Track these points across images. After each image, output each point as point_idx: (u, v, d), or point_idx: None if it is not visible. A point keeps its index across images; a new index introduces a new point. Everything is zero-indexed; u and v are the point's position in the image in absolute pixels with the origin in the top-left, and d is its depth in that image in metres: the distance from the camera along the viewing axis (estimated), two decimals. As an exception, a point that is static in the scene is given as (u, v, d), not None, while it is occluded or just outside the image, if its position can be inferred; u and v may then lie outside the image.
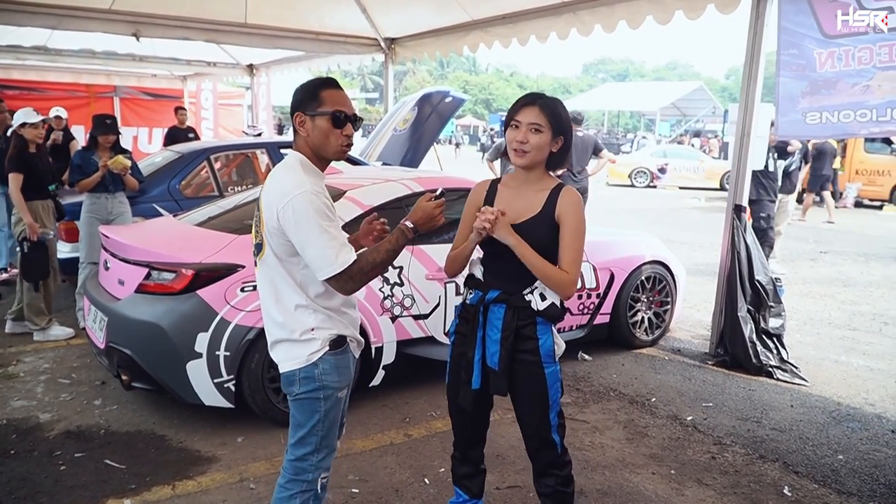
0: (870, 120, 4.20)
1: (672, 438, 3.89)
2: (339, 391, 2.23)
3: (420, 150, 8.61)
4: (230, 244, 3.77)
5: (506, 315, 2.38)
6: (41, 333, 5.26)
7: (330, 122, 2.12)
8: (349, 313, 2.28)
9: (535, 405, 2.43)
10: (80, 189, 5.35)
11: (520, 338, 2.39)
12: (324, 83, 2.17)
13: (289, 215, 2.04)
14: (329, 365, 2.19)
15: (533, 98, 2.36)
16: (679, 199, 17.83)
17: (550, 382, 2.41)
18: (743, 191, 5.03)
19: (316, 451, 2.24)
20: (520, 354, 2.40)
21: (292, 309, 2.17)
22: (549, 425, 2.44)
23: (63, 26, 7.06)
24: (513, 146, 2.33)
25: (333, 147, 2.16)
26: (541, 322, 2.39)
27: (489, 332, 2.42)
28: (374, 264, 2.11)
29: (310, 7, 7.88)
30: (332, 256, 2.04)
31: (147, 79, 13.71)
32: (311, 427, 2.22)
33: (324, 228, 2.03)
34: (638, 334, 5.38)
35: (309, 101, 2.14)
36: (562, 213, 2.35)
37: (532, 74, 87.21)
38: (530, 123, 2.30)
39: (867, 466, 3.61)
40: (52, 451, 3.53)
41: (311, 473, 2.25)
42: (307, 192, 2.04)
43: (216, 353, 3.56)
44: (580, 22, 6.13)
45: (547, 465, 2.50)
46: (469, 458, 2.70)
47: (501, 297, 2.39)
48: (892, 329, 6.24)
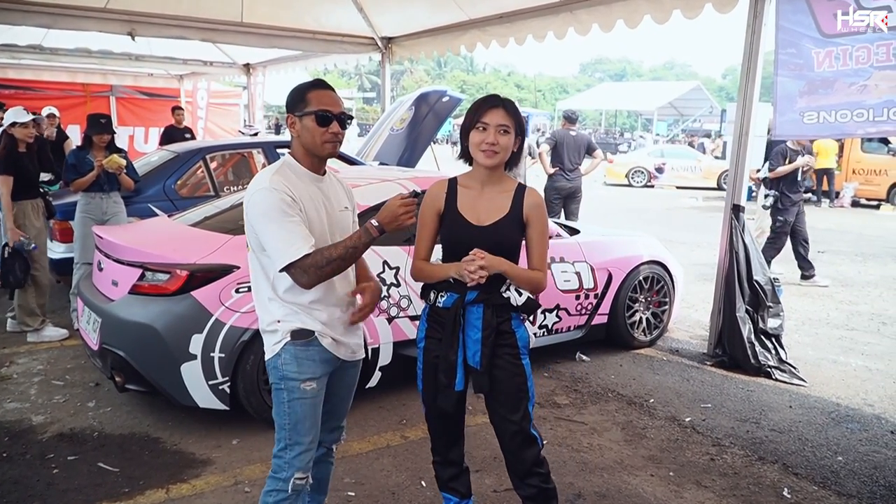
0: (867, 120, 4.18)
1: (671, 440, 3.87)
2: (301, 382, 2.22)
3: (417, 150, 8.58)
4: (225, 245, 3.73)
5: (485, 314, 2.41)
6: (35, 335, 5.23)
7: (315, 122, 2.18)
8: (323, 311, 2.26)
9: (518, 398, 2.46)
10: (75, 188, 5.31)
11: (499, 333, 2.43)
12: (311, 85, 2.24)
13: (250, 210, 2.16)
14: (289, 355, 2.21)
15: (497, 100, 2.40)
16: (676, 198, 17.83)
17: (528, 373, 2.48)
18: (741, 191, 5.00)
19: (287, 446, 2.25)
20: (500, 349, 2.44)
21: (266, 300, 2.25)
22: (530, 418, 2.48)
23: (58, 25, 7.03)
24: (482, 148, 2.36)
25: (321, 145, 2.21)
26: (514, 316, 2.46)
27: (469, 333, 2.44)
28: (330, 259, 2.12)
29: (306, 6, 7.85)
30: (283, 248, 2.09)
31: (143, 78, 13.67)
32: (280, 420, 2.26)
33: (278, 222, 2.09)
34: (636, 335, 5.36)
35: (297, 102, 2.22)
36: (529, 214, 2.42)
37: (529, 74, 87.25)
38: (499, 125, 2.34)
39: (867, 468, 3.59)
40: (45, 453, 3.49)
41: (284, 471, 2.25)
42: (266, 188, 2.12)
43: (211, 355, 3.53)
44: (577, 21, 6.11)
45: (532, 464, 2.49)
46: (451, 459, 2.69)
47: (480, 298, 2.41)
48: (890, 329, 6.23)
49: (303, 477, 2.27)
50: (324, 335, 2.25)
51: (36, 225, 5.21)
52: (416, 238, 2.55)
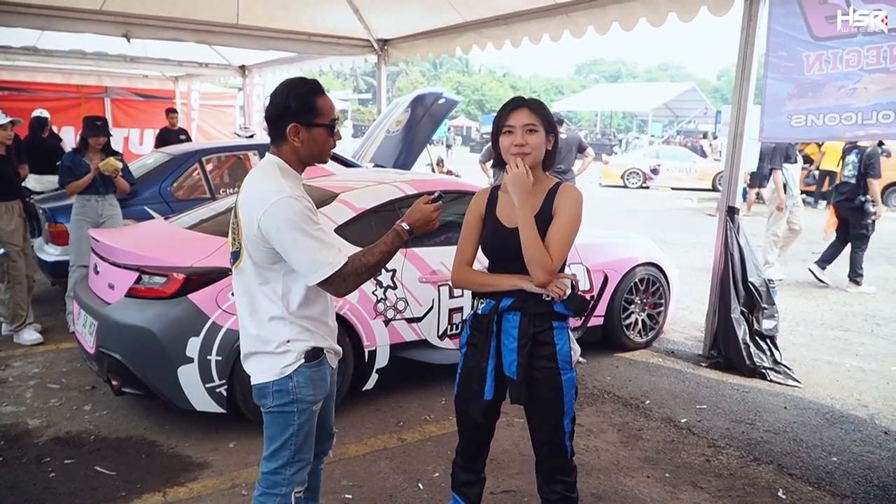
0: (855, 123, 4.19)
1: (666, 441, 3.88)
2: (313, 404, 2.18)
3: (413, 152, 8.57)
4: (222, 247, 3.73)
5: (521, 322, 2.33)
6: (16, 336, 5.24)
7: (327, 133, 2.11)
8: (328, 323, 2.24)
9: (551, 413, 2.38)
10: (70, 191, 5.30)
11: (537, 344, 2.33)
12: (315, 90, 2.10)
13: (270, 222, 1.99)
14: (304, 378, 2.14)
15: (520, 101, 2.36)
16: (671, 199, 17.86)
17: (566, 389, 2.36)
18: (736, 192, 5.03)
19: (289, 464, 2.19)
20: (537, 361, 2.34)
21: (267, 320, 2.12)
22: (563, 432, 2.41)
23: (53, 27, 7.02)
24: (512, 151, 2.30)
25: (325, 154, 2.16)
26: (558, 327, 2.35)
27: (505, 341, 2.37)
28: (368, 266, 2.08)
29: (302, 8, 7.84)
30: (321, 260, 2.00)
31: (138, 80, 13.65)
32: (285, 440, 2.17)
33: (308, 233, 1.99)
34: (632, 336, 5.37)
35: (307, 111, 2.08)
36: (557, 207, 2.32)
37: (525, 75, 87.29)
38: (525, 125, 2.29)
39: (861, 468, 3.61)
40: (41, 457, 3.49)
41: (284, 487, 2.19)
42: (287, 196, 1.99)
43: (208, 358, 3.53)
44: (573, 24, 6.13)
45: (556, 470, 2.46)
46: (472, 467, 2.66)
47: (515, 305, 2.34)
48: (884, 330, 6.26)
49: (301, 489, 2.25)
50: (329, 350, 2.22)
51: (6, 227, 5.16)
52: (459, 243, 2.52)
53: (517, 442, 3.78)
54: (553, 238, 2.27)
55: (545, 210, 2.33)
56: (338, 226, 3.92)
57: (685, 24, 5.40)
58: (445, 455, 3.60)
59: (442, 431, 3.91)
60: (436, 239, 4.42)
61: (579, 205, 2.33)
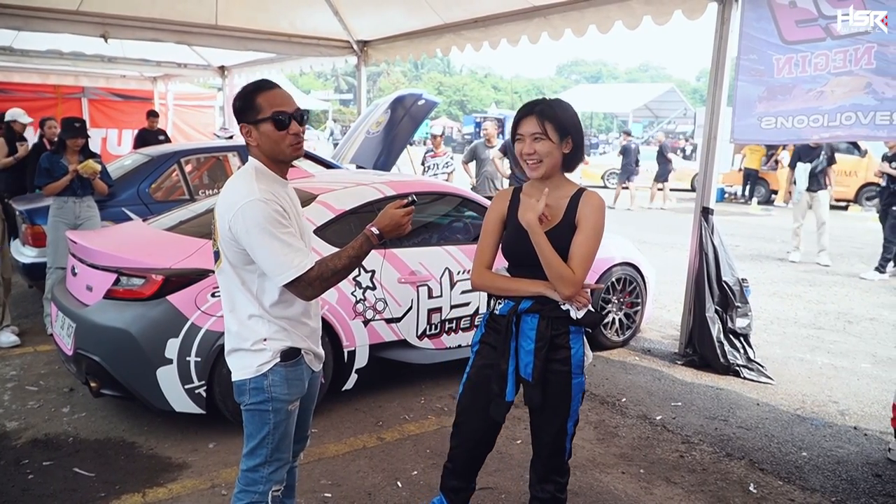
0: (821, 125, 4.29)
1: (642, 438, 3.95)
2: (288, 404, 2.19)
3: (393, 153, 8.61)
4: (200, 249, 3.74)
5: (539, 325, 2.34)
6: None
7: (273, 126, 2.08)
8: (308, 324, 2.25)
9: (557, 415, 2.40)
10: (48, 193, 5.27)
11: (553, 347, 2.34)
12: (257, 87, 2.11)
13: (240, 223, 2.02)
14: (279, 377, 2.15)
15: (530, 107, 2.33)
16: (650, 200, 18.00)
17: (575, 392, 2.38)
18: (710, 193, 5.12)
19: (266, 462, 2.21)
20: (552, 364, 2.35)
21: (246, 318, 2.15)
22: (566, 434, 2.43)
23: (29, 27, 6.95)
24: (524, 160, 2.32)
25: (284, 150, 2.13)
26: (574, 331, 2.36)
27: (522, 343, 2.38)
28: (335, 270, 2.09)
29: (281, 9, 7.84)
30: (286, 263, 2.02)
31: (116, 80, 13.52)
32: (262, 439, 2.19)
33: (275, 235, 2.01)
34: (609, 335, 5.45)
35: (248, 109, 2.09)
36: (581, 216, 2.31)
37: (506, 76, 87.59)
38: (531, 133, 2.29)
39: (830, 463, 3.70)
40: (20, 459, 3.48)
41: (261, 485, 2.22)
42: (256, 199, 2.02)
43: (187, 359, 3.54)
44: (551, 26, 6.19)
45: (551, 470, 2.48)
46: (464, 474, 2.62)
47: (534, 308, 2.34)
48: (855, 327, 6.39)
49: (279, 488, 2.28)
50: (308, 351, 2.23)
51: None
52: (479, 245, 2.51)
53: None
54: (577, 250, 2.28)
55: (568, 218, 2.33)
56: (317, 227, 3.95)
57: (660, 27, 5.48)
58: (424, 454, 3.65)
59: (421, 431, 3.95)
60: (414, 240, 4.46)
61: (602, 213, 2.33)
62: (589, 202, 2.33)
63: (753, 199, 17.51)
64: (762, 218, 15.09)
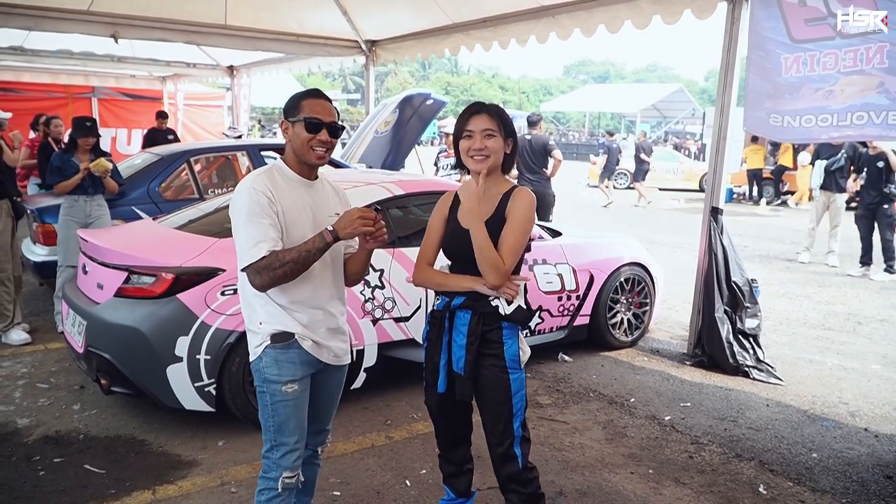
0: (830, 125, 4.26)
1: (650, 438, 3.94)
2: (281, 385, 2.24)
3: (401, 152, 8.64)
4: (211, 248, 3.76)
5: (471, 321, 2.42)
6: (3, 336, 5.25)
7: (305, 128, 2.23)
8: (309, 312, 2.28)
9: (499, 412, 2.45)
10: (59, 191, 5.30)
11: (485, 342, 2.42)
12: (307, 93, 2.30)
13: (232, 206, 2.21)
14: (270, 358, 2.24)
15: (480, 106, 2.44)
16: (658, 200, 17.98)
17: (514, 389, 2.44)
18: (720, 193, 5.10)
19: (273, 447, 2.30)
20: (485, 359, 2.43)
21: (251, 297, 2.28)
22: (513, 436, 2.45)
23: (40, 27, 7.01)
24: (470, 154, 2.39)
25: (309, 152, 2.25)
26: (507, 327, 2.42)
27: (455, 338, 2.46)
28: (283, 262, 2.12)
29: (290, 9, 7.87)
30: (246, 249, 2.13)
31: (126, 79, 13.60)
32: (265, 421, 2.29)
33: (250, 220, 2.13)
34: (617, 335, 5.44)
35: (291, 109, 2.27)
36: (510, 209, 2.40)
37: (514, 76, 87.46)
38: (483, 129, 2.37)
39: (840, 464, 3.68)
40: (31, 456, 3.50)
41: (273, 471, 2.29)
42: (247, 187, 2.17)
43: (197, 357, 3.55)
44: (559, 26, 6.19)
45: (507, 479, 2.51)
46: (449, 458, 2.77)
47: (467, 304, 2.43)
48: (865, 329, 6.36)
49: (291, 476, 2.31)
50: (304, 337, 2.27)
51: None
52: (422, 243, 2.60)
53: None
54: (505, 241, 2.35)
55: (499, 213, 2.41)
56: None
57: (670, 26, 5.47)
58: (433, 453, 3.63)
59: (429, 430, 3.91)
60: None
61: (530, 207, 2.40)
62: (518, 196, 2.41)
63: (762, 199, 17.44)
64: (770, 218, 15.02)
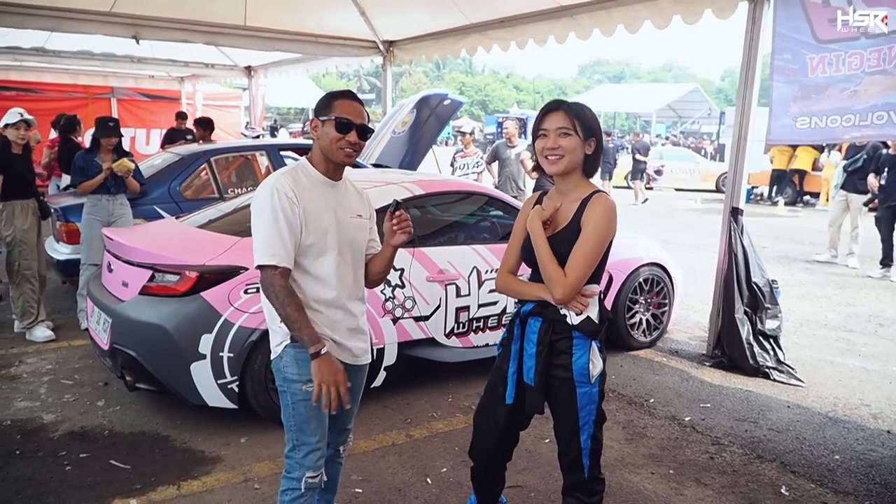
0: (853, 125, 4.24)
1: (670, 439, 3.94)
2: (301, 384, 2.25)
3: (419, 153, 8.66)
4: (233, 246, 3.80)
5: (541, 329, 2.32)
6: (28, 333, 5.33)
7: (334, 127, 2.25)
8: (327, 313, 2.28)
9: (565, 424, 2.36)
10: (82, 191, 5.38)
11: (553, 352, 2.31)
12: (339, 94, 2.33)
13: (253, 202, 2.23)
14: (289, 357, 2.26)
15: (556, 104, 2.31)
16: (675, 200, 17.91)
17: (582, 404, 2.31)
18: (740, 193, 5.08)
19: (295, 447, 2.30)
20: (554, 370, 2.32)
21: None
22: (579, 448, 2.35)
23: (63, 28, 7.08)
24: (544, 154, 2.27)
25: (336, 151, 2.27)
26: (577, 337, 2.29)
27: (526, 346, 2.37)
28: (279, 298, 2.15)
29: (309, 9, 7.91)
30: (262, 248, 2.16)
31: (144, 80, 13.73)
32: (286, 420, 2.30)
33: (268, 221, 2.16)
34: (636, 336, 5.43)
35: (323, 108, 2.30)
36: (584, 219, 2.26)
37: (528, 76, 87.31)
38: (558, 128, 2.24)
39: (863, 466, 3.66)
40: (57, 451, 3.56)
41: (296, 471, 2.30)
42: (271, 186, 2.19)
43: (220, 355, 3.59)
44: (578, 26, 6.18)
45: (572, 486, 2.43)
46: (486, 474, 2.63)
47: (536, 310, 2.34)
48: (887, 330, 6.30)
49: (315, 475, 2.31)
50: (324, 337, 2.26)
51: (21, 226, 5.24)
52: (506, 250, 2.53)
53: (524, 437, 3.79)
54: (574, 254, 2.24)
55: (575, 221, 2.28)
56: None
57: (690, 26, 5.45)
58: (453, 451, 3.66)
59: (449, 428, 3.97)
60: (442, 239, 4.49)
61: (603, 215, 2.24)
62: (593, 206, 2.26)
63: (780, 199, 17.27)
64: (789, 219, 14.91)
